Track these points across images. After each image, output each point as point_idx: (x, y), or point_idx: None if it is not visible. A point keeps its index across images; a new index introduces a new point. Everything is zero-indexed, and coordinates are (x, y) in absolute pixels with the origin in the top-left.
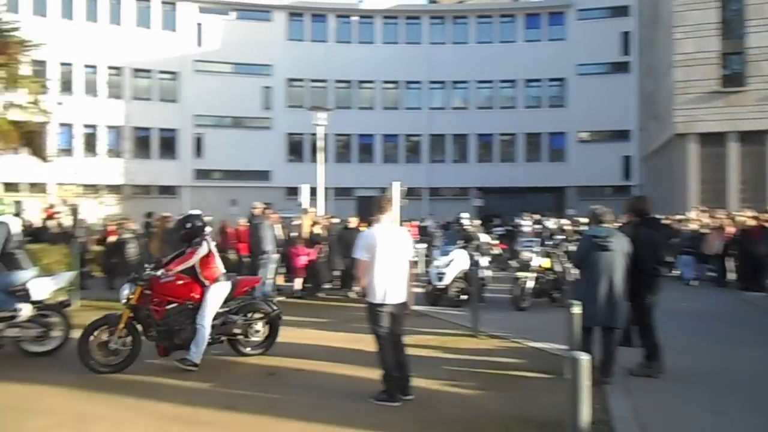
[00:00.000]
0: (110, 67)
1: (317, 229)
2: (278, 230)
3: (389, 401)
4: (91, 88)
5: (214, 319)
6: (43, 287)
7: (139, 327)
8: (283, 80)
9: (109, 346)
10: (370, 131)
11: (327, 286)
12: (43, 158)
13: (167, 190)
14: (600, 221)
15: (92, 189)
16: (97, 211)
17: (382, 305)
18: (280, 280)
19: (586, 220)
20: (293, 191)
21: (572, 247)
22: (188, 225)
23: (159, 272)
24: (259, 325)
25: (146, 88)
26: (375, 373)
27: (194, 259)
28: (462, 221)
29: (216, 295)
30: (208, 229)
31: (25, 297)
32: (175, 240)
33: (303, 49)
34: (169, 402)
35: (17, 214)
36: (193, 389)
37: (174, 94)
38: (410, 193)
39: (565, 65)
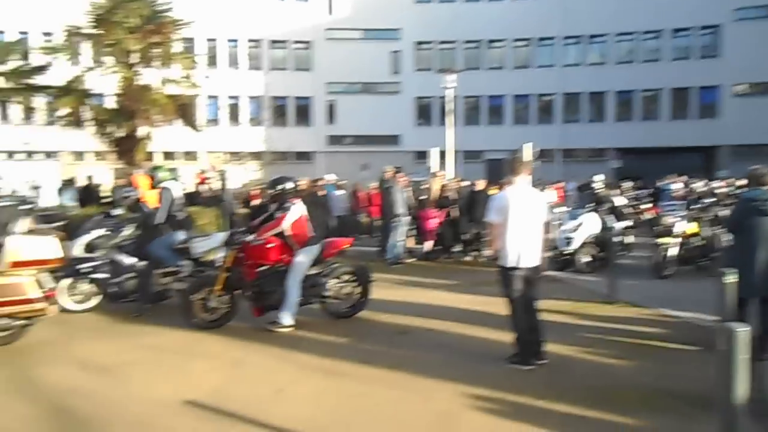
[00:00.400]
0: (250, 40)
1: (446, 192)
2: (408, 193)
3: (521, 364)
4: (233, 61)
5: (304, 281)
6: (201, 246)
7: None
8: (411, 44)
9: (208, 305)
10: (500, 92)
11: (456, 249)
12: (195, 128)
13: (303, 156)
14: (761, 183)
15: (236, 156)
16: (241, 176)
17: (514, 269)
18: (411, 243)
19: (743, 182)
20: (422, 155)
21: (725, 212)
22: (278, 187)
23: (249, 237)
24: (350, 288)
25: (282, 58)
26: (506, 336)
27: (284, 225)
28: (593, 184)
29: (303, 258)
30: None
31: (186, 254)
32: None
33: (430, 10)
34: (311, 354)
35: (175, 179)
36: (333, 343)
37: (308, 62)
38: (542, 155)
39: (719, 10)
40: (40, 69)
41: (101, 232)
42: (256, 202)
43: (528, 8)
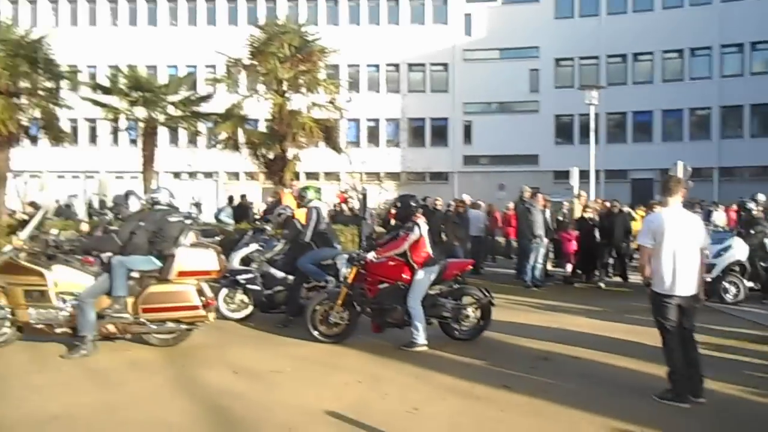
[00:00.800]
0: (389, 65)
1: (588, 214)
2: (547, 215)
3: (676, 401)
4: (373, 85)
5: (423, 300)
6: (345, 263)
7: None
8: (550, 61)
9: (330, 320)
10: (648, 107)
11: (597, 272)
12: (338, 150)
13: (439, 176)
14: None
15: (375, 176)
16: (379, 196)
17: (669, 296)
18: (549, 266)
19: None
20: (561, 175)
21: None
22: (398, 205)
23: (370, 255)
24: (470, 310)
25: (420, 80)
26: (659, 369)
27: (405, 245)
28: (749, 204)
29: (423, 277)
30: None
31: (333, 270)
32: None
33: (571, 26)
34: (448, 374)
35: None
36: (471, 365)
37: (444, 84)
38: (696, 174)
39: None
40: (205, 98)
41: (255, 246)
42: (394, 221)
43: (679, 18)
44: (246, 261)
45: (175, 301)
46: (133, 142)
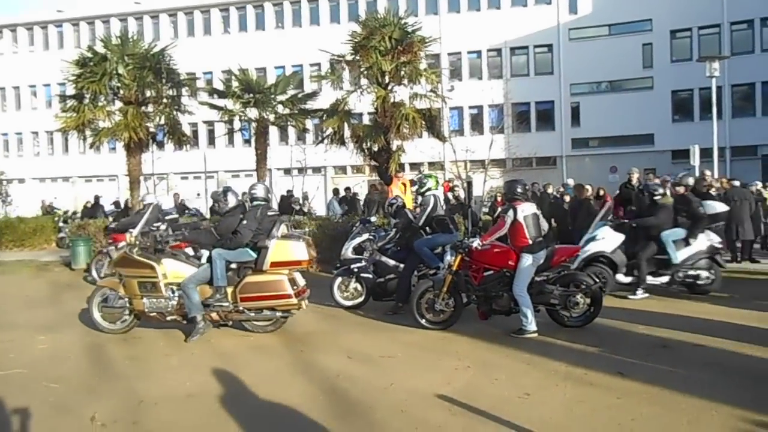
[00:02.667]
0: (490, 50)
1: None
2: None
3: None
4: (475, 72)
5: (530, 287)
6: (450, 250)
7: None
8: (665, 33)
9: (435, 307)
10: None
11: (726, 257)
12: (441, 139)
13: (546, 161)
14: None
15: (479, 164)
16: (485, 184)
17: None
18: None
19: None
20: (680, 154)
21: None
22: (506, 189)
23: (474, 242)
24: (578, 297)
25: (523, 64)
26: None
27: (504, 229)
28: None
29: (527, 263)
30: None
31: (443, 257)
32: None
33: None
34: (560, 360)
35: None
36: (584, 352)
37: (549, 66)
38: None
39: None
40: (311, 96)
41: (367, 236)
42: (499, 208)
43: None
44: (359, 250)
45: (269, 290)
46: (247, 141)
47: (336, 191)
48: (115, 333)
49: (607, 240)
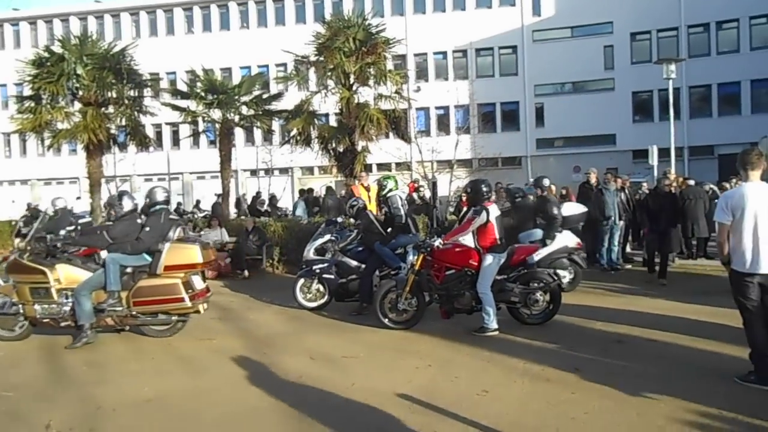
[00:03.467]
0: (456, 51)
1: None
2: (624, 196)
3: (759, 383)
4: (441, 73)
5: (491, 286)
6: (412, 249)
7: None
8: (625, 36)
9: (398, 306)
10: (734, 78)
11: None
12: (407, 140)
13: (511, 161)
14: None
15: (446, 164)
16: (450, 185)
17: (751, 275)
18: (628, 248)
19: None
20: (641, 154)
21: None
22: (468, 190)
23: (436, 241)
24: (538, 295)
25: (488, 65)
26: (742, 352)
27: (470, 229)
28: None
29: (491, 263)
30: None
31: (404, 257)
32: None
33: None
34: (519, 358)
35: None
36: (542, 348)
37: (514, 67)
38: None
39: None
40: (276, 96)
41: (329, 237)
42: (466, 209)
43: None
44: (321, 252)
45: (162, 294)
46: (212, 143)
47: (302, 192)
48: (12, 340)
49: None
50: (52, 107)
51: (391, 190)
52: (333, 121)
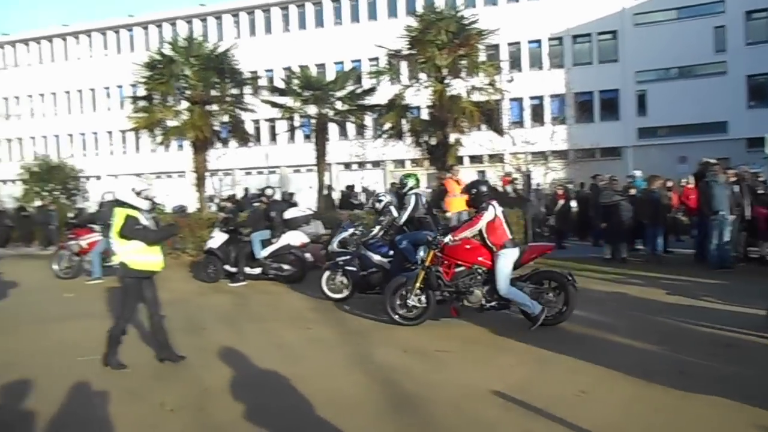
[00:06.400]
0: (551, 38)
1: None
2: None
3: None
4: (535, 62)
5: None
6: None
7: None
8: (739, 15)
9: (408, 302)
10: None
11: None
12: (499, 132)
13: (610, 152)
14: None
15: (540, 156)
16: (545, 177)
17: None
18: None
19: None
20: (756, 142)
21: None
22: (473, 191)
23: (446, 238)
24: (551, 295)
25: (586, 52)
26: None
27: (479, 225)
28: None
29: (503, 261)
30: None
31: None
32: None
33: None
34: (621, 358)
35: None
36: (645, 350)
37: (614, 53)
38: None
39: None
40: (369, 91)
41: (352, 231)
42: (561, 202)
43: None
44: (345, 244)
45: None
46: (308, 137)
47: (393, 185)
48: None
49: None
50: (163, 106)
51: (411, 188)
52: (425, 115)
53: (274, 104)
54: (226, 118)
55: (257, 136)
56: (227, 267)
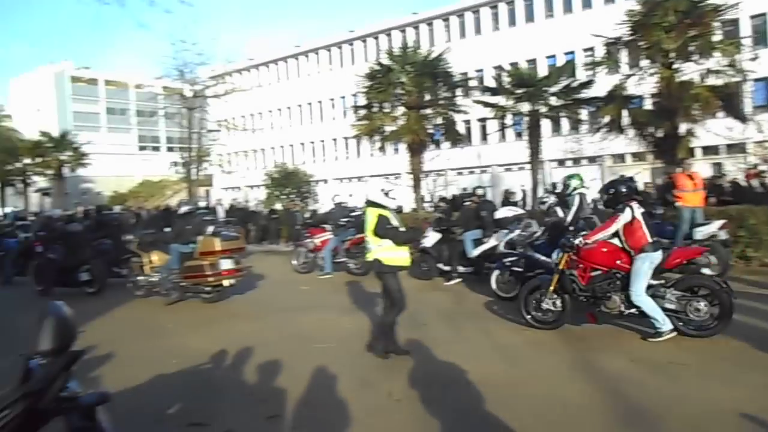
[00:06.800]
0: None
1: None
2: None
3: None
4: None
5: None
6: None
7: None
8: None
9: (542, 306)
10: None
11: None
12: (741, 118)
13: None
14: None
15: None
16: None
17: None
18: None
19: None
20: None
21: None
22: (611, 191)
23: (577, 240)
24: (702, 304)
25: None
26: None
27: (613, 227)
28: None
29: (641, 265)
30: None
31: None
32: None
33: None
34: None
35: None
36: None
37: None
38: None
39: None
40: (585, 84)
41: (519, 232)
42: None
43: None
44: (513, 245)
45: (195, 272)
46: (519, 135)
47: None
48: None
49: None
50: (382, 113)
51: (574, 189)
52: (649, 105)
53: (486, 104)
54: (439, 121)
55: (468, 136)
56: (440, 265)
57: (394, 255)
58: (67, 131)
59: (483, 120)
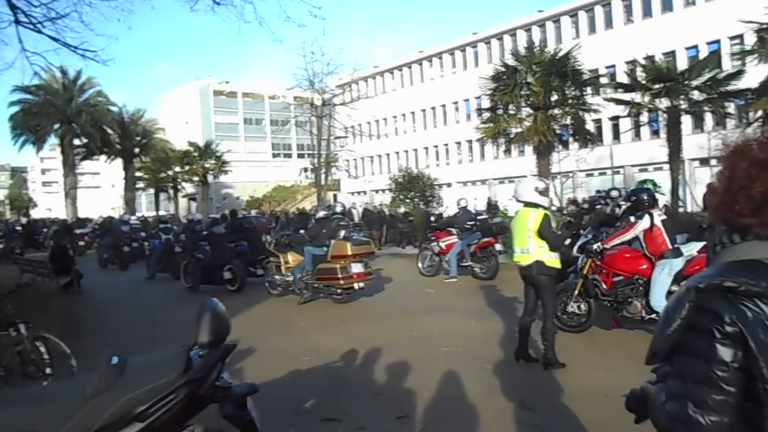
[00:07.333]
0: None
1: None
2: None
3: None
4: None
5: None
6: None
7: None
8: None
9: (567, 309)
10: None
11: None
12: None
13: None
14: None
15: None
16: None
17: None
18: None
19: None
20: None
21: None
22: (633, 198)
23: (595, 245)
24: None
25: None
26: None
27: (631, 234)
28: None
29: (661, 272)
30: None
31: None
32: None
33: None
34: None
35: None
36: None
37: None
38: None
39: None
40: (735, 75)
41: (589, 237)
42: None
43: None
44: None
45: (327, 274)
46: (655, 133)
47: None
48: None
49: None
50: (507, 115)
51: (644, 203)
52: None
53: (618, 101)
54: (567, 121)
55: (599, 135)
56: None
57: (553, 256)
58: (210, 141)
59: (615, 118)
